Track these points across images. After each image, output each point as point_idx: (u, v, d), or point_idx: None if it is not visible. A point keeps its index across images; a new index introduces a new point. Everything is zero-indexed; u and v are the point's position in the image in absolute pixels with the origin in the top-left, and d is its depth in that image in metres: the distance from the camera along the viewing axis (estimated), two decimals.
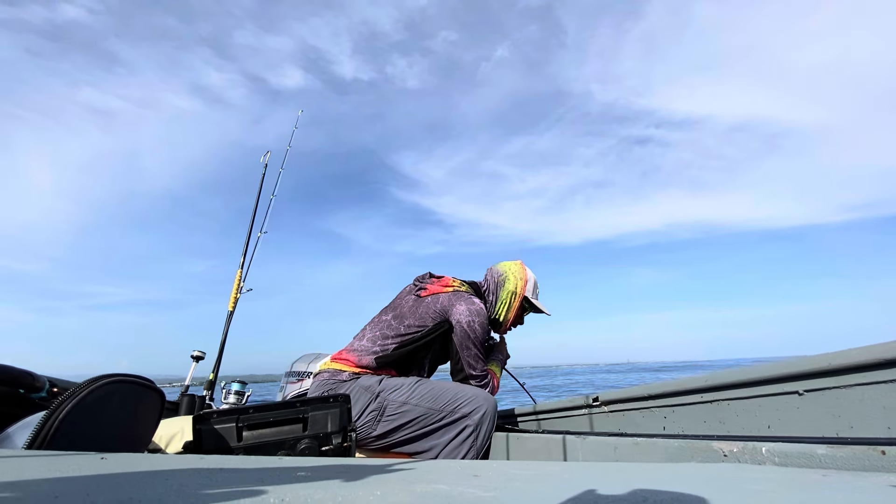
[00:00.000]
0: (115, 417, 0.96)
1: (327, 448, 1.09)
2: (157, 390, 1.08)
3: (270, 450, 1.04)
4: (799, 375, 1.04)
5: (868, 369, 0.92)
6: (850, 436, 0.92)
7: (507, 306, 1.80)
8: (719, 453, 0.99)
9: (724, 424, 1.20)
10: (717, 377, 1.22)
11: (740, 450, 0.96)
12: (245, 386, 2.34)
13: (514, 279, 1.80)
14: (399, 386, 1.55)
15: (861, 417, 0.93)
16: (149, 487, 0.45)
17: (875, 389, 0.91)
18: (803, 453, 0.86)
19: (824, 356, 0.98)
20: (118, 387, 0.96)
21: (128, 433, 1.03)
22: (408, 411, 1.50)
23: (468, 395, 1.55)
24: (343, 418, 1.13)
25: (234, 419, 1.04)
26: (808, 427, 1.01)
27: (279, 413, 1.08)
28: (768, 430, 1.10)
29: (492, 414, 1.55)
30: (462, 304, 1.61)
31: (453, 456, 1.47)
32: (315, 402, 1.12)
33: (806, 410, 1.03)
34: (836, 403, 0.97)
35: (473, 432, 1.50)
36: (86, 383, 0.91)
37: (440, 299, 1.64)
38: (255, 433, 1.05)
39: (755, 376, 1.12)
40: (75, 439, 0.85)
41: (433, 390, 1.55)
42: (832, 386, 0.98)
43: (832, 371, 0.98)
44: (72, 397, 0.87)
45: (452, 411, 1.51)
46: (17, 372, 1.19)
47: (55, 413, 0.84)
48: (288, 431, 1.08)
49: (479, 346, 1.64)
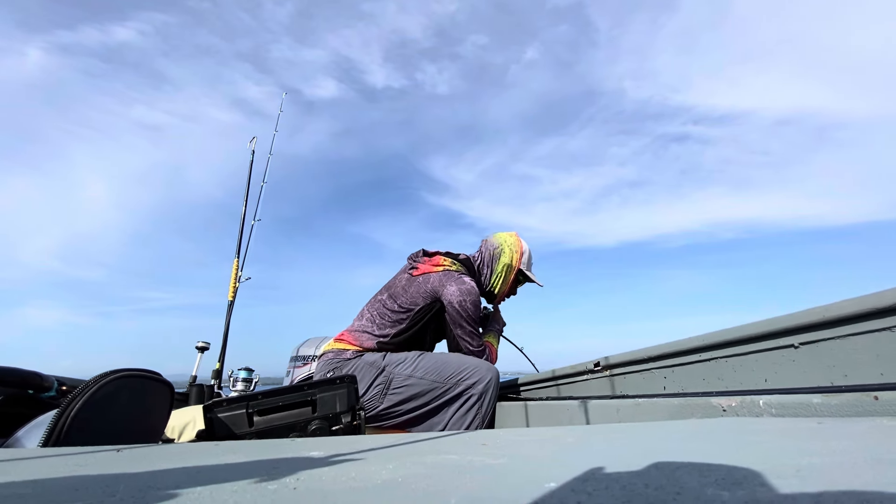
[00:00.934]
0: (126, 411, 0.98)
1: (337, 427, 1.11)
2: (166, 382, 1.09)
3: (282, 433, 1.06)
4: (794, 329, 1.06)
5: (861, 319, 0.94)
6: (844, 384, 0.95)
7: (502, 279, 1.81)
8: (718, 408, 1.02)
9: (723, 381, 1.23)
10: (715, 336, 1.24)
11: (738, 404, 0.98)
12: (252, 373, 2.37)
13: (510, 252, 1.81)
14: (403, 360, 1.58)
15: (855, 366, 0.96)
16: (166, 475, 0.46)
17: (868, 338, 0.94)
18: (799, 403, 0.88)
19: (818, 308, 1.00)
20: (126, 381, 0.97)
21: (140, 426, 1.05)
22: (413, 384, 1.54)
23: (471, 366, 1.59)
24: (351, 398, 1.15)
25: (244, 405, 1.05)
26: (804, 378, 1.04)
27: (288, 397, 1.10)
28: (765, 383, 1.13)
29: (495, 383, 1.59)
30: (452, 284, 1.62)
31: (459, 425, 1.52)
32: (322, 385, 1.14)
33: (802, 363, 1.05)
34: (831, 354, 1.00)
35: (478, 401, 1.54)
36: (94, 380, 0.92)
37: (430, 279, 1.64)
38: (265, 418, 1.07)
39: (752, 332, 1.14)
40: (88, 435, 0.87)
41: (437, 363, 1.58)
42: (827, 337, 1.00)
43: (826, 323, 1.00)
44: (81, 394, 0.88)
45: (457, 383, 1.55)
46: (25, 373, 1.20)
47: (66, 411, 0.85)
48: (298, 414, 1.10)
49: (473, 323, 1.66)
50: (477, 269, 1.82)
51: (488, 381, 1.57)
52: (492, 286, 1.83)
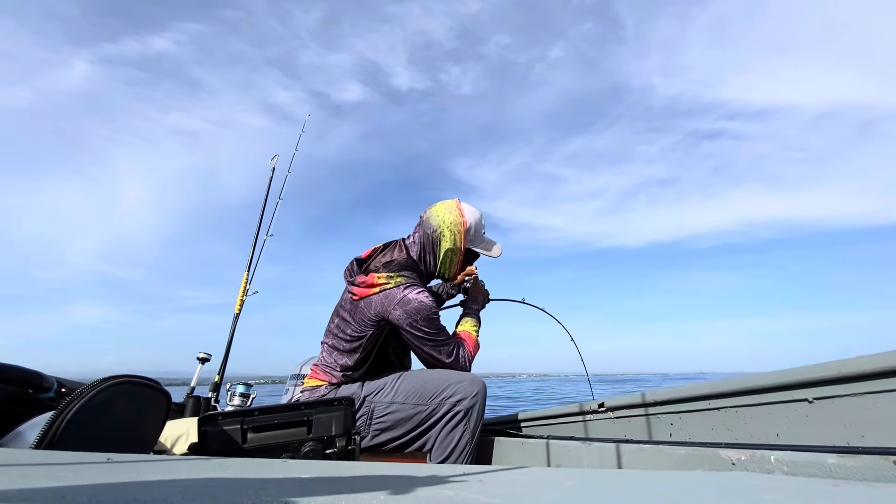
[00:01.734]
0: (121, 418, 0.97)
1: (331, 451, 1.08)
2: (164, 391, 1.08)
3: (275, 452, 1.04)
4: (808, 383, 1.02)
5: (879, 377, 0.91)
6: (860, 445, 0.91)
7: (449, 263, 1.66)
8: (727, 461, 0.98)
9: (732, 432, 1.19)
10: (725, 384, 1.21)
11: (749, 458, 0.94)
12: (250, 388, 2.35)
13: (450, 234, 1.62)
14: (382, 387, 1.49)
15: (872, 426, 0.92)
16: (154, 488, 0.45)
17: (887, 398, 0.90)
18: (813, 462, 0.84)
19: (834, 363, 0.97)
20: (125, 388, 0.97)
21: (134, 434, 1.04)
22: (395, 411, 1.46)
23: (454, 382, 1.48)
24: (347, 421, 1.13)
25: (240, 421, 1.04)
26: (818, 436, 1.00)
27: (284, 416, 1.08)
28: (777, 438, 1.08)
29: (481, 397, 1.48)
30: (396, 308, 1.47)
31: (448, 443, 1.43)
32: (319, 405, 1.12)
33: (815, 418, 1.01)
34: (847, 412, 0.96)
35: (465, 417, 1.44)
36: (93, 384, 0.92)
37: (372, 304, 1.50)
38: (259, 435, 1.05)
39: (763, 383, 1.11)
40: (82, 440, 0.86)
41: (417, 384, 1.48)
42: (843, 394, 0.97)
43: (842, 378, 0.96)
44: (79, 398, 0.88)
45: (441, 402, 1.45)
46: (26, 372, 1.20)
47: (63, 413, 0.85)
48: (292, 434, 1.08)
49: (433, 337, 1.52)
50: (419, 257, 1.65)
51: (474, 395, 1.46)
52: (440, 272, 1.68)
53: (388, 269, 1.55)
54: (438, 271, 1.68)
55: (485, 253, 1.73)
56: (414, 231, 1.71)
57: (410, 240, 1.70)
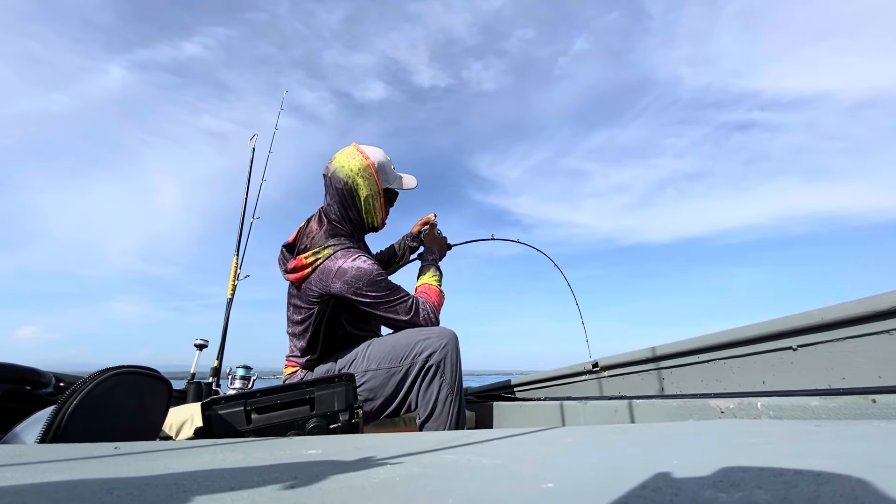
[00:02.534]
0: (123, 408, 0.98)
1: (335, 426, 1.11)
2: (163, 379, 1.09)
3: (280, 431, 1.06)
4: (792, 331, 1.06)
5: (859, 322, 0.94)
6: (842, 387, 0.95)
7: (374, 211, 1.60)
8: (717, 410, 1.02)
9: (721, 382, 1.24)
10: (713, 337, 1.25)
11: (737, 406, 0.99)
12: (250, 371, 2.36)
13: (363, 180, 1.55)
14: (354, 357, 1.48)
15: (853, 369, 0.96)
16: (164, 472, 0.46)
17: (866, 341, 0.94)
18: (797, 406, 0.88)
19: (817, 311, 1.01)
20: (124, 378, 0.97)
21: (138, 423, 1.05)
22: (371, 377, 1.45)
23: (422, 338, 1.45)
24: (349, 396, 1.15)
25: (243, 403, 1.05)
26: (802, 381, 1.05)
27: (286, 395, 1.10)
28: (763, 385, 1.13)
29: (452, 346, 1.45)
30: (335, 281, 1.44)
31: (428, 398, 1.42)
32: (320, 383, 1.14)
33: (800, 365, 1.06)
34: (829, 356, 1.00)
35: (437, 370, 1.42)
36: (92, 376, 0.92)
37: (312, 283, 1.47)
38: (263, 416, 1.07)
39: (750, 334, 1.15)
40: (86, 431, 0.86)
41: (386, 347, 1.47)
42: (825, 340, 1.01)
43: (825, 325, 1.00)
44: (79, 390, 0.88)
45: (413, 361, 1.43)
46: (23, 369, 1.19)
47: (64, 407, 0.85)
48: (296, 412, 1.10)
49: (383, 298, 1.48)
50: (340, 217, 1.57)
51: (443, 347, 1.43)
52: (368, 223, 1.62)
53: (314, 244, 1.50)
54: (366, 223, 1.61)
55: (400, 188, 1.68)
56: (325, 194, 1.62)
57: (326, 205, 1.61)
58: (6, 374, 1.14)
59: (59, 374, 1.38)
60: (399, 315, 1.50)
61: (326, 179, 1.58)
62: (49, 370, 1.32)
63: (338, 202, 1.56)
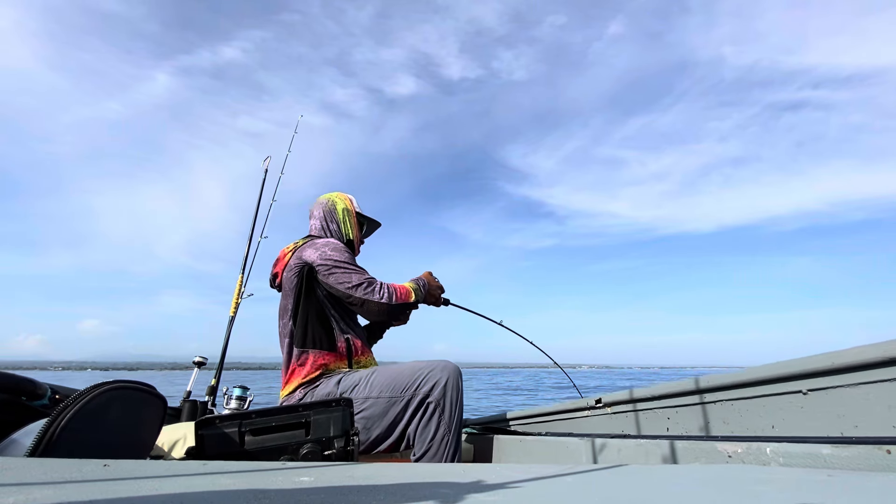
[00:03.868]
0: (116, 424, 0.96)
1: (330, 452, 1.08)
2: (159, 396, 1.08)
3: (273, 455, 1.04)
4: (802, 375, 1.03)
5: (872, 367, 0.92)
6: (854, 435, 0.92)
7: (349, 224, 1.86)
8: (724, 454, 0.99)
9: (728, 425, 1.20)
10: (720, 378, 1.22)
11: (744, 450, 0.95)
12: (246, 391, 2.33)
13: (341, 200, 1.89)
14: (357, 382, 1.52)
15: (866, 416, 0.93)
16: (151, 493, 0.45)
17: (880, 388, 0.91)
18: (808, 453, 0.85)
19: (828, 355, 0.98)
20: (119, 393, 0.96)
21: (130, 439, 1.03)
22: (371, 405, 1.48)
23: (425, 370, 1.50)
24: (345, 421, 1.12)
25: (237, 424, 1.03)
26: (813, 427, 1.01)
27: (281, 418, 1.08)
28: (772, 430, 1.09)
29: (454, 381, 1.49)
30: (305, 251, 1.65)
31: (425, 436, 1.43)
32: (317, 406, 1.12)
33: (810, 410, 1.02)
34: (841, 402, 0.97)
35: (437, 407, 1.45)
36: (87, 390, 0.91)
37: (290, 267, 1.66)
38: (257, 438, 1.05)
39: (758, 376, 1.12)
40: (77, 446, 0.85)
41: (390, 376, 1.51)
42: (836, 385, 0.98)
43: (836, 370, 0.97)
44: (73, 404, 0.87)
45: (414, 393, 1.47)
46: (19, 379, 1.18)
47: (57, 420, 0.84)
48: (290, 436, 1.07)
49: (343, 264, 1.63)
50: (322, 230, 1.83)
51: (445, 381, 1.48)
52: (346, 235, 1.86)
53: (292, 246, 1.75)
54: (344, 234, 1.85)
55: (373, 218, 1.98)
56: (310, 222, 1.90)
57: (311, 229, 1.88)
58: (2, 383, 1.14)
59: (55, 386, 1.36)
60: (352, 279, 1.62)
61: (314, 209, 1.89)
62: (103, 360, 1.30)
63: (319, 218, 1.85)
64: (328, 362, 1.58)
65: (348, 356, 1.63)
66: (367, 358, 1.70)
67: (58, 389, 1.34)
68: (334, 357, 1.60)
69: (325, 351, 1.59)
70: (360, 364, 1.65)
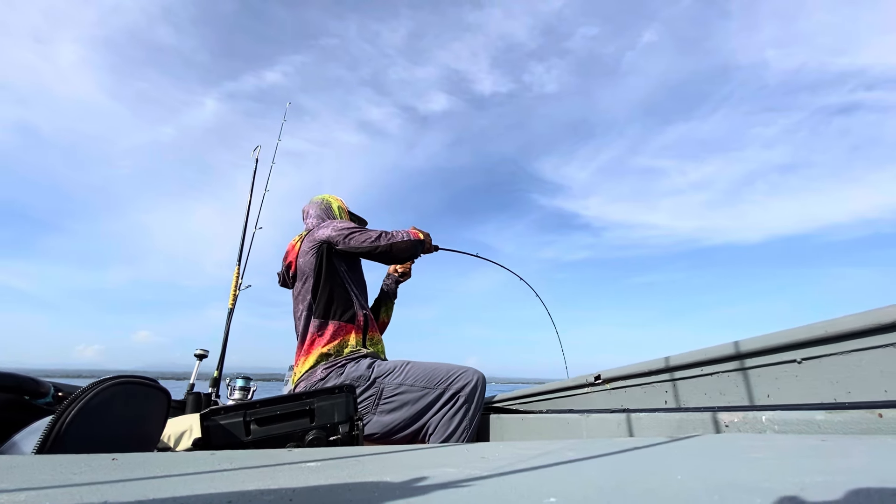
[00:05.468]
0: (121, 418, 0.97)
1: (335, 438, 1.10)
2: (162, 389, 1.08)
3: (279, 443, 1.05)
4: (797, 344, 1.05)
5: (864, 335, 0.94)
6: (847, 401, 0.94)
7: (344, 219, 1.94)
8: (721, 424, 1.01)
9: (725, 396, 1.22)
10: (716, 350, 1.23)
11: (741, 419, 0.97)
12: (249, 381, 2.35)
13: (334, 200, 2.00)
14: (392, 369, 1.61)
15: (858, 382, 0.95)
16: (161, 485, 0.46)
17: (872, 354, 0.93)
18: (802, 420, 0.87)
19: (821, 324, 1.00)
20: (122, 388, 0.97)
21: (136, 433, 1.04)
22: (404, 392, 1.57)
23: (459, 370, 1.63)
24: (349, 407, 1.14)
25: (242, 414, 1.05)
26: (807, 394, 1.03)
27: (286, 406, 1.09)
28: (768, 399, 1.12)
29: (481, 385, 1.63)
30: (317, 232, 1.73)
31: (447, 427, 1.54)
32: (321, 394, 1.13)
33: (804, 378, 1.05)
34: (834, 370, 0.99)
35: (465, 403, 1.57)
36: (90, 386, 0.91)
37: (305, 251, 1.72)
38: (263, 427, 1.06)
39: (754, 347, 1.14)
40: (84, 442, 0.86)
41: (426, 370, 1.62)
42: (830, 353, 1.00)
43: (829, 338, 0.99)
44: (77, 401, 0.87)
45: (447, 387, 1.59)
46: (21, 378, 1.19)
47: (62, 417, 0.85)
48: (295, 424, 1.09)
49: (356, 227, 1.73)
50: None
51: (475, 383, 1.61)
52: None
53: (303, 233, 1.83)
54: None
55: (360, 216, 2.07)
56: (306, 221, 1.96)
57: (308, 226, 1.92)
58: (4, 382, 1.14)
59: (57, 383, 1.37)
60: (371, 235, 1.72)
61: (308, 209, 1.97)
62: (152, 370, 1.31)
63: (317, 215, 1.92)
64: (347, 335, 1.66)
65: (364, 331, 1.71)
66: (377, 336, 1.81)
67: (61, 387, 1.35)
68: (353, 329, 1.68)
69: (346, 323, 1.67)
70: (372, 341, 1.74)
